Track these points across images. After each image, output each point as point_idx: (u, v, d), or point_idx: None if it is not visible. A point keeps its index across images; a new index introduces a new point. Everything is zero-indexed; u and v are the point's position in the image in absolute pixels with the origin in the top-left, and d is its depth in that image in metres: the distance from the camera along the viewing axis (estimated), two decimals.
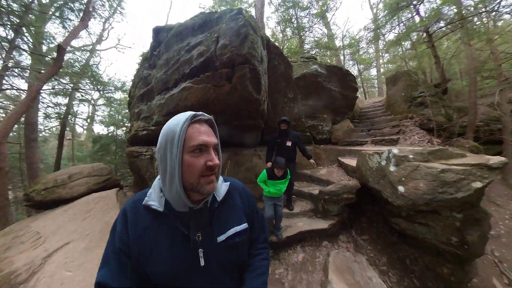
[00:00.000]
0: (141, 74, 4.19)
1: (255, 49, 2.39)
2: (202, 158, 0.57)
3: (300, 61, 5.86)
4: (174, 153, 0.55)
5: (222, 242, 0.62)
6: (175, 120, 0.59)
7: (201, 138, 0.57)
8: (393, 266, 2.42)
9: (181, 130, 0.55)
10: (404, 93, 5.89)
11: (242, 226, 0.67)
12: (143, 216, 0.60)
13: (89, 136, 10.48)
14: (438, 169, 1.89)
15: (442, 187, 1.84)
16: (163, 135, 0.58)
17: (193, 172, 0.56)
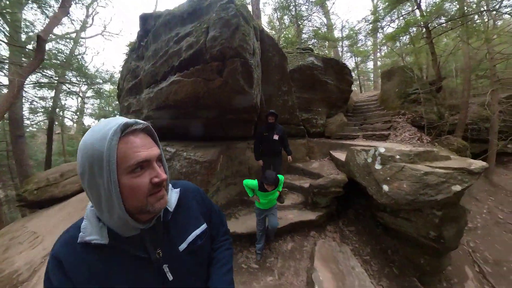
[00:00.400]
0: (129, 66, 4.01)
1: (246, 42, 2.29)
2: (145, 176, 0.48)
3: (296, 53, 5.71)
4: (105, 178, 0.44)
5: (184, 250, 0.58)
6: (99, 134, 0.45)
7: (140, 154, 0.47)
8: (376, 256, 2.58)
9: (109, 148, 0.43)
10: (398, 89, 5.87)
11: (201, 228, 0.64)
12: (83, 257, 0.48)
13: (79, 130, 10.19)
14: (421, 172, 1.97)
15: (424, 188, 1.93)
16: (85, 156, 0.45)
17: (137, 195, 0.47)
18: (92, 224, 0.50)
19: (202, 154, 2.94)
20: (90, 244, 0.49)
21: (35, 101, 7.54)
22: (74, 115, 9.97)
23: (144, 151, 0.48)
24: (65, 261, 0.48)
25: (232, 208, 3.27)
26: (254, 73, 2.63)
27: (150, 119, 3.53)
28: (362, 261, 2.48)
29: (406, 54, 9.80)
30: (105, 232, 0.49)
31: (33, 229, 3.21)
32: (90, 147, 0.44)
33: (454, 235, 2.11)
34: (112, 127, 0.45)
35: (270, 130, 2.99)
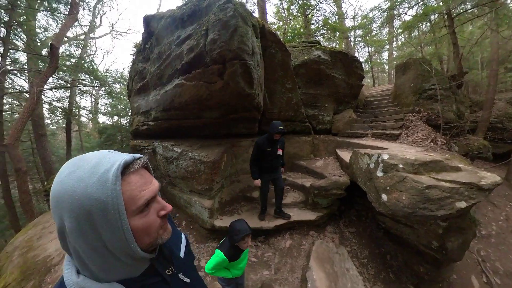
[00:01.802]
0: (136, 68, 4.14)
1: (244, 43, 2.27)
2: (153, 212, 0.47)
3: (302, 46, 5.51)
4: (114, 227, 0.40)
5: (184, 254, 0.68)
6: (92, 180, 0.39)
7: (147, 193, 0.45)
8: (374, 260, 2.57)
9: (115, 196, 0.39)
10: (414, 83, 5.42)
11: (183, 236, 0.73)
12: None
13: (95, 127, 10.82)
14: (424, 185, 1.84)
15: (424, 203, 1.81)
16: (78, 209, 0.38)
17: (150, 232, 0.46)
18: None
19: (207, 154, 3.03)
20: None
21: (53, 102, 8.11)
22: (89, 114, 10.59)
23: (149, 187, 0.46)
24: None
25: (236, 205, 3.38)
26: (254, 73, 2.62)
27: (158, 120, 3.67)
28: (359, 264, 2.49)
29: (425, 44, 9.02)
30: (118, 285, 0.45)
31: None
32: (84, 197, 0.38)
33: (458, 247, 2.01)
34: (108, 169, 0.40)
35: (273, 144, 2.66)
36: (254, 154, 2.67)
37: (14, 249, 3.16)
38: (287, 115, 4.21)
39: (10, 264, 2.85)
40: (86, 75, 8.09)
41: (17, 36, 6.13)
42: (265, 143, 2.62)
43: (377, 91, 8.26)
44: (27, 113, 4.68)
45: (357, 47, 12.15)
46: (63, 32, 5.42)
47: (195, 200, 3.05)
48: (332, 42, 10.95)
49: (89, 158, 0.42)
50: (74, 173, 0.40)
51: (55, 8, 6.25)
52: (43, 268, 2.62)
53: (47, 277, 2.50)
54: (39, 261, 2.74)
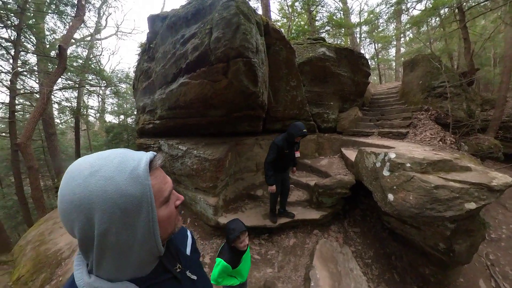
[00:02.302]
0: (141, 67, 4.19)
1: (247, 40, 2.26)
2: (172, 203, 0.50)
3: (307, 43, 5.44)
4: (147, 222, 0.42)
5: (190, 252, 0.69)
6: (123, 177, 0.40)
7: (169, 184, 0.50)
8: (378, 260, 2.53)
9: (148, 189, 0.42)
10: (422, 81, 5.29)
11: (188, 231, 0.75)
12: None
13: (102, 126, 11.08)
14: (432, 185, 1.79)
15: (432, 203, 1.76)
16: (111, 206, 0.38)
17: (171, 221, 0.49)
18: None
19: (212, 152, 3.06)
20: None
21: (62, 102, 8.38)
22: (97, 113, 10.85)
23: (168, 181, 0.50)
24: None
25: (239, 202, 3.40)
26: (258, 71, 2.61)
27: (163, 118, 3.72)
28: (363, 264, 2.47)
29: (434, 40, 8.73)
30: (130, 284, 0.45)
31: None
32: (117, 195, 0.38)
33: (466, 250, 1.96)
34: (137, 166, 0.42)
35: (292, 146, 2.54)
36: (273, 156, 2.44)
37: (27, 243, 3.30)
38: (292, 113, 4.18)
39: (24, 257, 2.99)
40: (93, 76, 8.28)
41: (27, 38, 6.33)
42: (284, 144, 2.45)
43: (384, 89, 8.09)
44: (37, 113, 4.84)
45: (363, 43, 11.89)
46: (71, 34, 5.55)
47: (200, 197, 3.08)
48: (337, 39, 10.76)
49: (110, 157, 0.42)
50: (98, 172, 0.39)
51: (62, 11, 6.41)
52: (54, 261, 2.73)
53: (58, 270, 2.61)
54: (50, 254, 2.86)
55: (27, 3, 5.45)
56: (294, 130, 2.39)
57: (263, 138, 3.94)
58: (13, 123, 5.79)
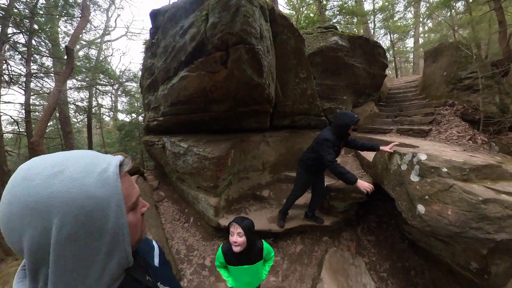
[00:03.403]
0: (146, 64, 4.12)
1: (250, 24, 2.02)
2: (138, 210, 0.49)
3: (317, 32, 5.06)
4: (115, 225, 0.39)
5: (159, 264, 0.65)
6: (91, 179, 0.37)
7: (137, 190, 0.49)
8: (395, 274, 2.23)
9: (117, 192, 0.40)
10: (447, 72, 4.72)
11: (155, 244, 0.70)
12: None
13: (115, 124, 11.47)
14: (479, 198, 1.39)
15: (478, 221, 1.38)
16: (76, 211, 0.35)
17: (137, 227, 0.48)
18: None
19: (212, 150, 2.88)
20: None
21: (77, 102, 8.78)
22: (109, 112, 11.25)
23: (135, 186, 0.49)
24: None
25: (244, 203, 3.21)
26: (263, 59, 2.37)
27: (167, 115, 3.61)
28: (377, 278, 2.19)
29: (458, 27, 7.93)
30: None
31: None
32: (83, 197, 0.35)
33: (504, 272, 1.63)
34: (106, 168, 0.40)
35: (340, 141, 2.16)
36: (333, 152, 2.04)
37: None
38: (301, 108, 3.90)
39: None
40: (103, 76, 8.55)
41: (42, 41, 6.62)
42: (336, 139, 2.09)
43: (401, 83, 7.51)
44: (48, 112, 5.00)
45: (377, 34, 11.08)
46: (77, 34, 5.69)
47: (201, 196, 2.93)
48: (350, 29, 10.14)
49: (75, 157, 0.40)
50: (62, 173, 0.36)
51: (70, 13, 6.61)
52: None
53: None
54: None
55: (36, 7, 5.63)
56: (347, 118, 2.00)
57: (270, 135, 3.70)
58: (29, 123, 6.06)
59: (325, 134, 2.13)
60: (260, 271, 1.46)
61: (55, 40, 6.98)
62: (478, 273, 1.71)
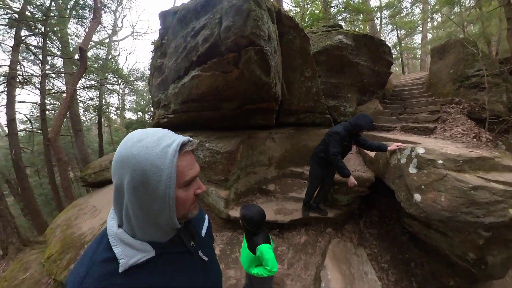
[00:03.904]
0: (155, 64, 4.27)
1: (259, 27, 2.15)
2: (192, 189, 0.54)
3: (322, 31, 5.13)
4: (163, 193, 0.47)
5: (205, 235, 0.73)
6: (156, 150, 0.46)
7: (193, 171, 0.53)
8: (395, 265, 2.35)
9: (171, 166, 0.46)
10: (454, 69, 4.70)
11: (206, 216, 0.80)
12: (134, 282, 0.47)
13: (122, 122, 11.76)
14: (470, 185, 1.54)
15: (468, 206, 1.53)
16: (140, 169, 0.44)
17: (186, 205, 0.53)
18: (132, 246, 0.49)
19: (223, 145, 3.04)
20: (136, 266, 0.48)
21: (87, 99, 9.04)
22: (117, 110, 11.55)
23: (194, 168, 0.54)
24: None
25: (251, 196, 3.37)
26: (271, 60, 2.49)
27: (177, 112, 3.78)
28: (378, 268, 2.30)
29: (468, 23, 7.76)
30: (148, 246, 0.51)
31: (93, 204, 4.02)
32: (146, 162, 0.45)
33: (501, 263, 1.71)
34: (169, 144, 0.48)
35: (351, 138, 2.32)
36: (339, 146, 2.20)
37: (56, 227, 3.64)
38: (306, 106, 4.01)
39: (54, 239, 3.31)
40: (112, 75, 8.78)
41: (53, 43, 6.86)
42: (345, 135, 2.24)
43: (408, 80, 7.45)
44: (63, 110, 5.25)
45: (384, 30, 10.97)
46: (89, 36, 5.90)
47: (211, 190, 3.10)
48: (355, 26, 10.06)
49: (154, 133, 0.50)
50: (141, 142, 0.47)
51: (82, 15, 6.81)
52: (78, 244, 2.98)
53: (81, 251, 2.84)
54: (75, 237, 3.12)
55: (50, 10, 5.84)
56: (363, 121, 2.16)
57: (276, 132, 3.84)
58: (44, 121, 6.35)
59: (336, 128, 2.31)
60: (251, 262, 1.54)
61: (66, 41, 7.21)
62: (476, 263, 1.80)
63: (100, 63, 8.68)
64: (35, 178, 9.52)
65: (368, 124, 2.15)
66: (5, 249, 4.77)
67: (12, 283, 3.01)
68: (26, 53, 6.96)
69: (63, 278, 2.55)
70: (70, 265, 2.68)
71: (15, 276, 3.13)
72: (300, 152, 3.99)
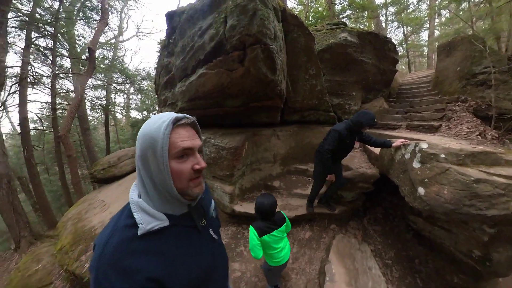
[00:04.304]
0: (162, 63, 4.36)
1: (266, 26, 2.19)
2: (188, 163, 0.57)
3: (326, 29, 5.12)
4: (159, 161, 0.53)
5: (213, 215, 0.80)
6: (155, 125, 0.54)
7: (185, 143, 0.56)
8: (399, 262, 2.36)
9: (163, 137, 0.52)
10: (461, 67, 4.63)
11: (212, 201, 0.85)
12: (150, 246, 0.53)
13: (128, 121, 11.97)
14: (471, 178, 1.56)
15: (471, 199, 1.54)
16: (144, 143, 0.54)
17: (181, 178, 0.56)
18: (149, 213, 0.55)
19: (228, 141, 3.11)
20: (152, 232, 0.54)
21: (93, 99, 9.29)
22: (123, 110, 11.77)
23: (189, 141, 0.57)
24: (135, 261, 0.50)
25: (256, 192, 3.43)
26: (277, 58, 2.53)
27: (184, 110, 3.85)
28: (382, 264, 2.32)
29: (477, 19, 7.58)
30: (163, 215, 0.57)
31: (102, 198, 4.18)
32: (147, 135, 0.54)
33: (506, 260, 1.70)
34: (165, 120, 0.54)
35: (354, 135, 2.33)
36: (333, 144, 2.24)
37: (67, 220, 3.79)
38: (311, 104, 4.03)
39: (65, 231, 3.45)
40: (118, 74, 8.97)
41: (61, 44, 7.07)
42: (346, 133, 2.24)
43: (414, 78, 7.37)
44: (74, 109, 5.42)
45: (389, 27, 10.79)
46: (97, 36, 6.07)
47: (216, 185, 3.17)
48: (360, 24, 9.96)
49: (160, 115, 0.58)
50: (148, 122, 0.57)
51: (89, 16, 6.98)
52: (89, 236, 3.11)
53: (92, 243, 2.93)
54: (86, 230, 3.25)
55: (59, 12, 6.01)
56: (364, 118, 2.16)
57: (280, 130, 3.88)
58: (55, 119, 6.55)
59: (338, 126, 2.32)
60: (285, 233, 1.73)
61: (73, 42, 7.41)
62: (481, 260, 1.80)
63: (107, 63, 8.88)
64: (44, 176, 9.81)
65: (368, 121, 2.13)
66: (17, 242, 4.98)
67: (26, 273, 3.18)
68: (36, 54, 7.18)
69: (74, 268, 2.66)
70: (81, 256, 2.79)
71: (28, 267, 3.31)
72: (305, 149, 4.01)
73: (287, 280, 2.17)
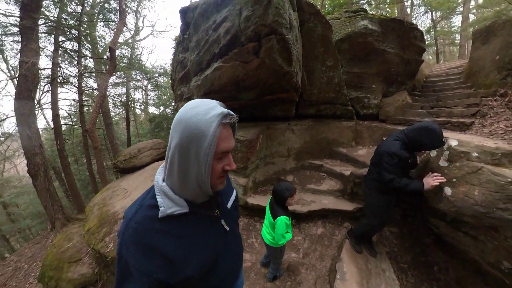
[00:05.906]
0: (177, 58, 4.46)
1: (281, 15, 2.12)
2: (222, 163, 0.58)
3: (344, 17, 4.81)
4: (203, 159, 0.52)
5: (230, 207, 0.79)
6: (205, 118, 0.51)
7: (227, 145, 0.56)
8: (416, 267, 2.21)
9: (214, 135, 0.51)
10: (501, 55, 4.01)
11: (234, 192, 0.86)
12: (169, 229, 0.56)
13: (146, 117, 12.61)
14: (508, 179, 1.39)
15: (506, 202, 1.37)
16: (187, 132, 0.51)
17: (213, 176, 0.57)
18: (171, 198, 0.57)
19: (243, 134, 3.13)
20: (171, 216, 0.57)
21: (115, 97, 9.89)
22: (141, 106, 12.42)
23: (229, 142, 0.58)
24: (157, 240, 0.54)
25: (269, 185, 3.44)
26: (293, 49, 2.46)
27: None
28: (397, 268, 2.20)
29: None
30: (184, 202, 0.58)
31: (124, 187, 4.55)
32: (195, 127, 0.51)
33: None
34: (215, 114, 0.52)
35: (412, 153, 1.75)
36: (395, 172, 1.67)
37: (94, 205, 4.17)
38: (327, 97, 3.89)
39: (92, 215, 3.81)
40: (137, 72, 9.45)
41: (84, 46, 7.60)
42: (404, 153, 1.67)
43: (443, 69, 6.71)
44: (98, 104, 5.84)
45: (415, 13, 9.86)
46: (117, 36, 6.45)
47: (230, 177, 3.23)
48: (382, 10, 9.24)
49: (206, 102, 0.56)
50: (194, 108, 0.53)
51: (108, 18, 7.38)
52: (112, 220, 3.39)
53: (115, 226, 3.24)
54: (110, 214, 3.55)
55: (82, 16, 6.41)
56: (428, 139, 1.61)
57: (295, 124, 3.81)
58: (82, 115, 7.12)
59: (390, 147, 1.70)
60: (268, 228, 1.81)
61: (95, 43, 7.91)
62: (511, 273, 1.63)
63: (126, 62, 9.38)
64: (74, 166, 10.78)
65: (436, 144, 1.61)
66: (53, 223, 5.66)
67: (59, 250, 3.67)
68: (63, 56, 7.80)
69: (99, 248, 2.95)
70: (106, 237, 3.07)
71: (61, 245, 3.81)
72: (320, 144, 3.91)
73: (296, 275, 2.17)
